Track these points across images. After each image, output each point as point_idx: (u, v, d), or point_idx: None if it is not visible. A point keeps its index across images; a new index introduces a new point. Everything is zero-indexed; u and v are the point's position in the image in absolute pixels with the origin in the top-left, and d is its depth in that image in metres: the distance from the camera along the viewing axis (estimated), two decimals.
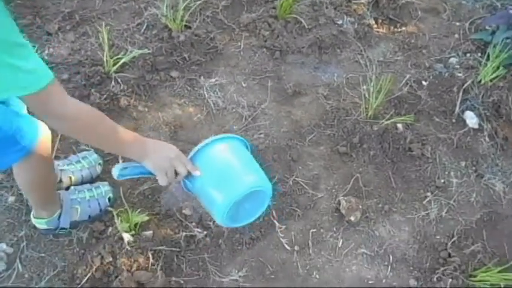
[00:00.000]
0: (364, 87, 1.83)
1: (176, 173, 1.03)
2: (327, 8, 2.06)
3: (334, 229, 1.51)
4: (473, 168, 1.69)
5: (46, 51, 1.79)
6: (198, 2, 1.93)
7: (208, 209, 1.11)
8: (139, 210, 1.42)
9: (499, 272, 1.37)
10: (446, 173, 1.67)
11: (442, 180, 1.65)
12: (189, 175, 1.05)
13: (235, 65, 1.86)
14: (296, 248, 1.46)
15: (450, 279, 1.39)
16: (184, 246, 1.41)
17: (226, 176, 1.06)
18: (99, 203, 1.42)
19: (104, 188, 1.44)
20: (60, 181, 1.43)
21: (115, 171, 1.03)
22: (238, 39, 1.93)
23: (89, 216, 1.41)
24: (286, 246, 1.45)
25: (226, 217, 1.04)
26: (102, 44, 1.73)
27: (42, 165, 1.20)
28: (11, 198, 1.45)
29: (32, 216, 1.37)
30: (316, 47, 1.95)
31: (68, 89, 1.67)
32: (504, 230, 1.55)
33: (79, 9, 1.93)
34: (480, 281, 1.39)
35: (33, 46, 1.79)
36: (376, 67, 1.93)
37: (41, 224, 1.36)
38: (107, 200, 1.43)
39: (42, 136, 1.14)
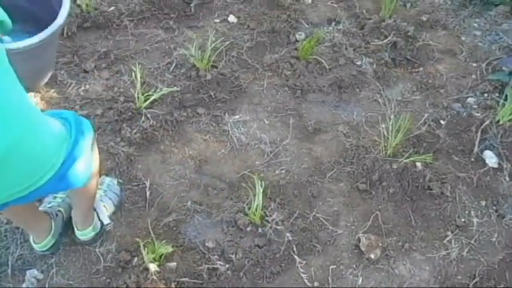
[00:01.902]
0: (383, 125, 1.88)
1: None
2: (346, 49, 2.16)
3: (354, 266, 1.52)
4: (494, 208, 1.69)
5: (82, 88, 1.92)
6: (225, 43, 2.06)
7: None
8: (164, 241, 1.47)
9: None
10: (467, 212, 1.68)
11: (463, 220, 1.65)
12: None
13: (258, 103, 1.95)
14: (316, 283, 1.47)
15: None
16: (207, 279, 1.45)
17: None
18: (113, 192, 1.56)
19: (107, 180, 1.58)
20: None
21: None
22: (261, 78, 2.03)
23: (115, 206, 1.56)
24: (306, 281, 1.47)
25: None
26: (134, 82, 1.85)
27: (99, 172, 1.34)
28: None
29: (77, 233, 1.47)
30: (336, 87, 2.03)
31: (100, 124, 1.78)
32: None
33: (114, 49, 2.07)
34: None
35: (71, 83, 1.93)
36: (394, 106, 1.98)
37: (89, 233, 1.47)
38: (117, 186, 1.58)
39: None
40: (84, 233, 1.46)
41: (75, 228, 1.47)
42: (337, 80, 2.04)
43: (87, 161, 1.17)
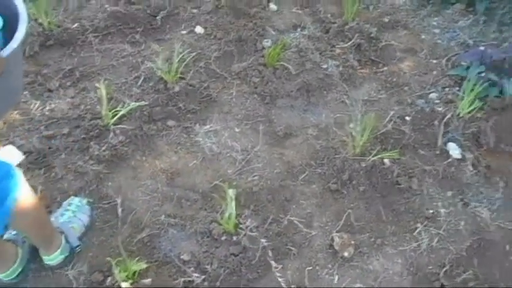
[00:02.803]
0: (351, 125, 1.93)
1: None
2: (312, 53, 2.20)
3: (329, 266, 1.55)
4: (460, 197, 1.76)
5: (47, 107, 1.90)
6: (192, 54, 2.07)
7: None
8: (138, 258, 1.46)
9: None
10: (434, 203, 1.73)
11: (431, 211, 1.71)
12: None
13: (228, 112, 1.96)
14: (293, 286, 1.49)
15: None
16: None
17: None
18: (83, 213, 1.54)
19: (75, 200, 1.55)
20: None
21: None
22: (230, 87, 2.05)
23: (85, 226, 1.53)
24: (283, 285, 1.49)
25: None
26: (100, 99, 1.84)
27: (35, 205, 1.25)
28: None
29: (44, 259, 1.42)
30: (304, 91, 2.07)
31: (67, 143, 1.76)
32: (494, 257, 1.59)
33: (79, 66, 2.06)
34: None
35: (35, 103, 1.90)
36: (361, 106, 2.04)
37: (56, 257, 1.42)
38: (86, 206, 1.56)
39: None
40: (51, 258, 1.42)
41: (41, 255, 1.42)
42: (304, 84, 2.08)
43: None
